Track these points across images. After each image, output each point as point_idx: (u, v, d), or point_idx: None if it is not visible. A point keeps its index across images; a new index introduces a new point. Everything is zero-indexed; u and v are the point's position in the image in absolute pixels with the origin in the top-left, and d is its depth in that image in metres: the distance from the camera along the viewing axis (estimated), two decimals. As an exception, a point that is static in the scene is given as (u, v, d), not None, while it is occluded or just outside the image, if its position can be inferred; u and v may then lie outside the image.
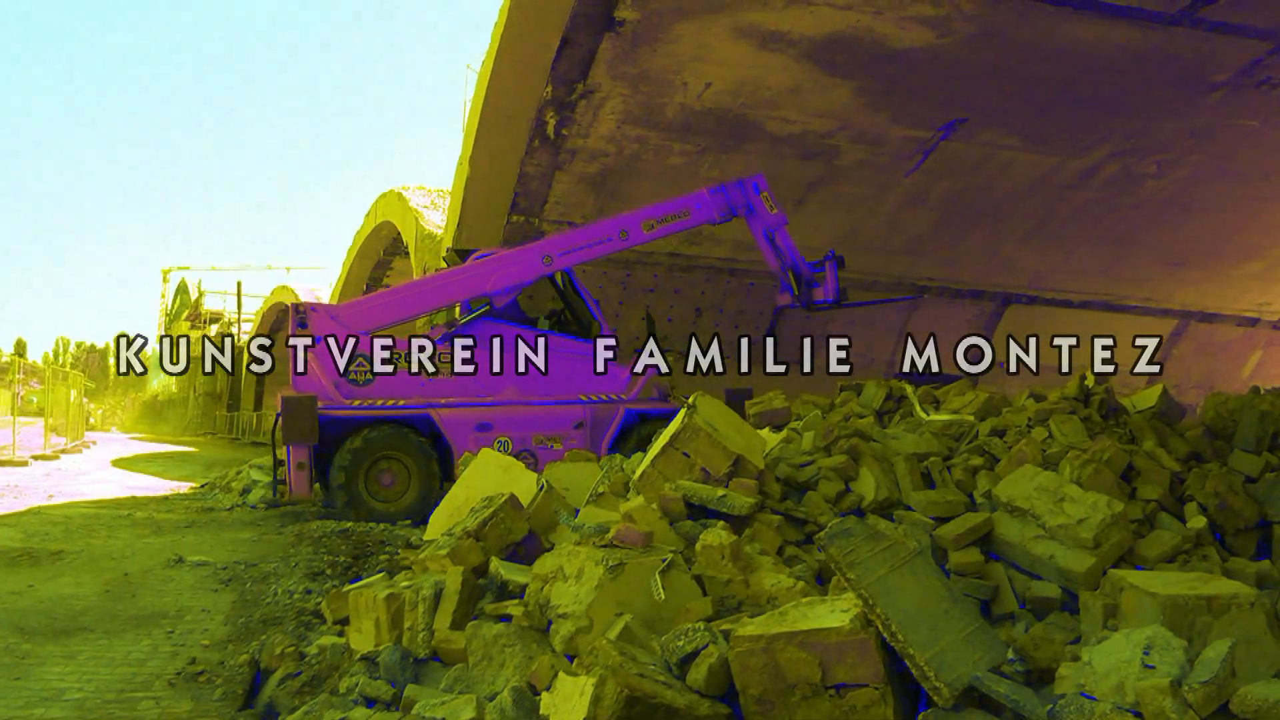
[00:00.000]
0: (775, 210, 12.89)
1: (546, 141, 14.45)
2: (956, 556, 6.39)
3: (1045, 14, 12.65)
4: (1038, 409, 8.09)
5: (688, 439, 6.27)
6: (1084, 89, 14.64)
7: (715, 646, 4.22)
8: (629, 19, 12.62)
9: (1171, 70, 14.21)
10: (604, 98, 13.90)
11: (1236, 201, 18.59)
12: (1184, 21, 12.90)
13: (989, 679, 3.82)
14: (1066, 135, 15.88)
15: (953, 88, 14.33)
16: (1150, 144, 16.41)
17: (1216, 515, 7.27)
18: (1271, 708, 3.69)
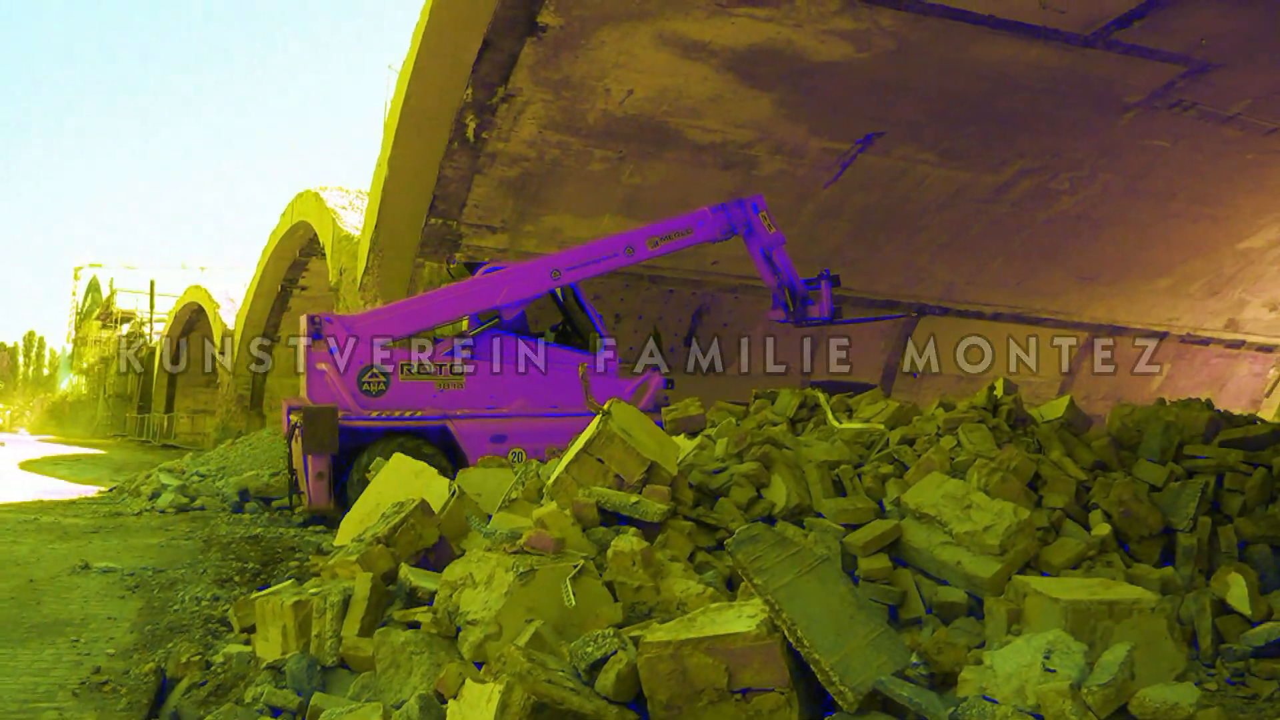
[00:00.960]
0: (773, 230, 13.22)
1: (466, 144, 14.39)
2: (865, 563, 6.48)
3: (962, 32, 12.87)
4: (947, 418, 8.23)
5: (602, 445, 6.28)
6: (999, 106, 14.94)
7: (624, 653, 4.23)
8: (552, 24, 12.61)
9: (1085, 90, 14.55)
10: (525, 102, 13.87)
11: (1147, 219, 19.09)
12: (1098, 43, 13.22)
13: (893, 683, 3.89)
14: (981, 151, 16.18)
15: (871, 102, 14.54)
16: (1063, 161, 16.79)
17: (1121, 523, 7.47)
18: (1170, 710, 3.80)
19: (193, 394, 42.96)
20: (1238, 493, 7.89)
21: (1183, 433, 8.49)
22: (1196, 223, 19.62)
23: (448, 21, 13.14)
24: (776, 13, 12.33)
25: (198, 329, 39.05)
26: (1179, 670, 5.19)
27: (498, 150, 14.53)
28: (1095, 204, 18.14)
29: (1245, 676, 6.26)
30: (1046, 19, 12.54)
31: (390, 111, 14.95)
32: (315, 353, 12.04)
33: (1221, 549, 7.56)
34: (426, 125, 14.26)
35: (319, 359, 12.01)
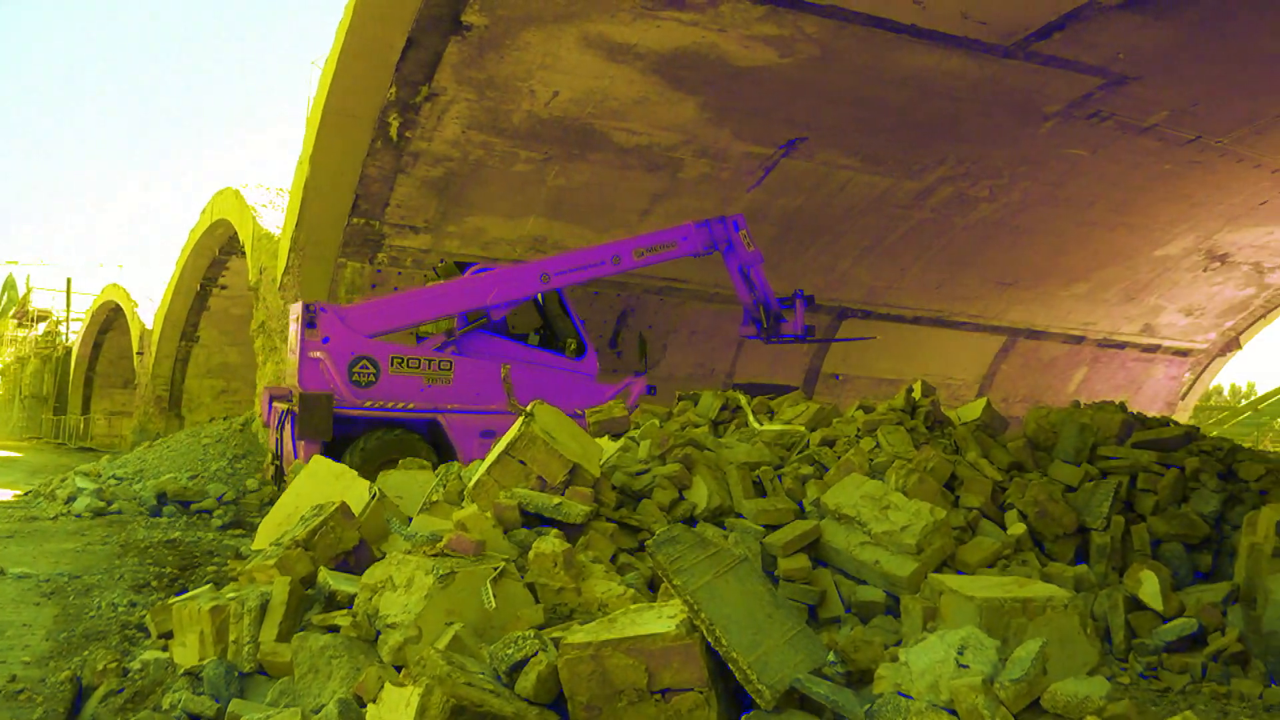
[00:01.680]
0: (752, 248, 13.68)
1: (389, 143, 14.26)
2: (785, 563, 6.54)
3: (885, 40, 13.03)
4: (866, 420, 8.34)
5: (524, 447, 6.26)
6: (921, 114, 15.14)
7: (545, 654, 4.22)
8: (476, 24, 12.55)
9: (1006, 100, 14.81)
10: (449, 101, 13.78)
11: (1064, 226, 19.48)
12: (1018, 54, 13.46)
13: (809, 680, 3.93)
14: (903, 157, 16.40)
15: (795, 107, 14.65)
16: (983, 169, 17.07)
17: (1036, 522, 7.63)
18: (1080, 703, 3.88)
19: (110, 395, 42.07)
20: (1150, 493, 8.11)
21: (1097, 434, 8.69)
22: (1114, 230, 20.05)
23: (372, 18, 13.01)
24: (701, 17, 12.38)
25: (115, 328, 38.23)
26: (1092, 665, 5.30)
27: (421, 150, 14.42)
28: (1014, 211, 18.47)
29: (1158, 670, 6.45)
30: (968, 29, 12.74)
31: (313, 108, 14.76)
32: (309, 341, 12.15)
33: (1135, 547, 7.76)
34: (349, 123, 14.11)
35: (312, 347, 12.14)
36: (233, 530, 11.94)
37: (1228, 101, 15.33)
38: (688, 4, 12.10)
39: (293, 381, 12.43)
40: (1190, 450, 8.63)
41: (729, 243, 13.63)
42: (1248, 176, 18.35)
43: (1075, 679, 4.01)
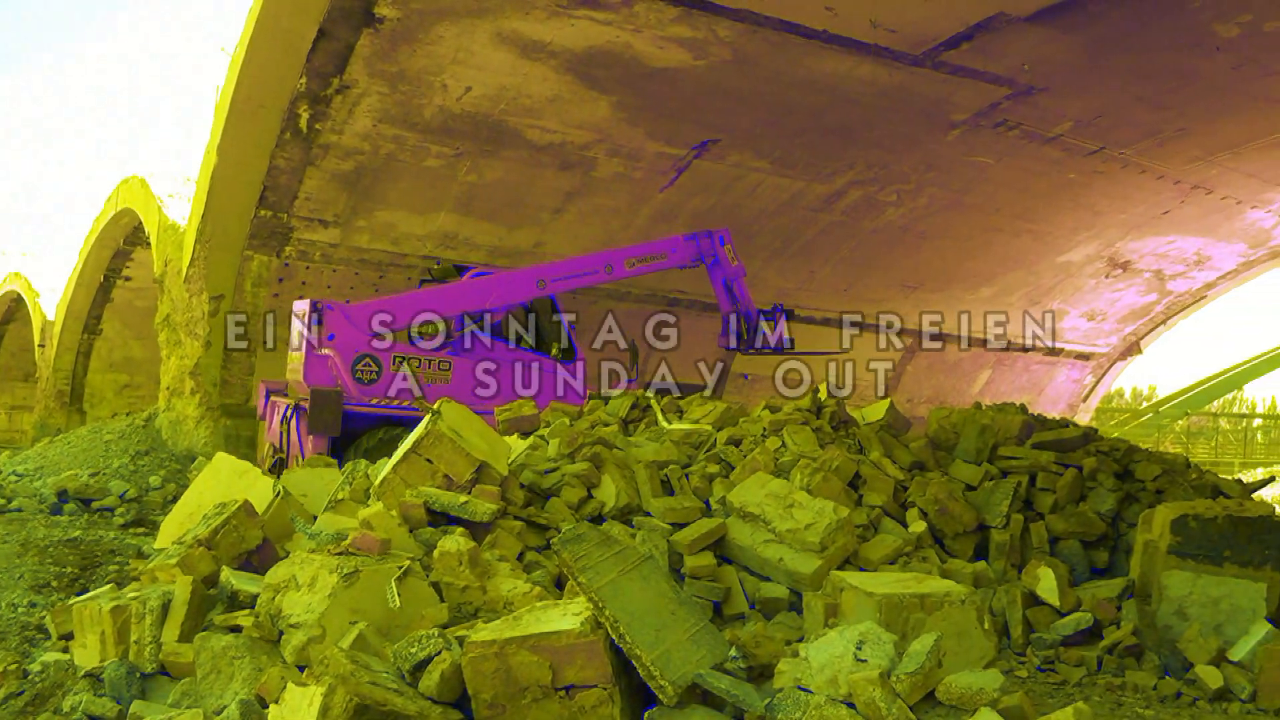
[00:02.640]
0: (736, 262, 14.01)
1: (299, 135, 14.05)
2: (691, 560, 6.60)
3: (797, 45, 13.14)
4: (772, 420, 8.45)
5: (431, 445, 6.24)
6: (831, 119, 15.32)
7: (449, 653, 4.22)
8: (389, 16, 12.43)
9: (914, 107, 15.04)
10: (361, 94, 13.63)
11: (970, 232, 19.85)
12: (927, 63, 13.68)
13: (711, 676, 3.99)
14: (813, 161, 16.57)
15: (707, 109, 14.74)
16: (892, 174, 17.32)
17: (937, 520, 7.78)
18: (975, 694, 3.99)
19: (9, 388, 40.81)
20: (1049, 491, 8.31)
21: (997, 435, 8.88)
22: (1018, 236, 20.49)
23: (282, 7, 12.81)
24: (616, 17, 12.39)
25: (17, 319, 37.09)
26: (988, 659, 5.43)
27: (331, 142, 14.24)
28: (921, 216, 18.78)
29: (1055, 664, 6.61)
30: (878, 37, 12.91)
31: (221, 97, 14.48)
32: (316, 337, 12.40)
33: (1033, 544, 7.95)
34: (258, 113, 13.88)
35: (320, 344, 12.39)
36: (135, 529, 11.68)
37: (1131, 115, 15.76)
38: (602, 3, 12.11)
39: (296, 378, 12.54)
40: (1088, 451, 8.86)
41: (715, 256, 13.98)
42: (1150, 187, 18.88)
43: (969, 671, 4.13)
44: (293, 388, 12.79)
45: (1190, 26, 12.88)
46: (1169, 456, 10.12)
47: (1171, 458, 10.00)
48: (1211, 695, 5.99)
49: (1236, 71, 14.19)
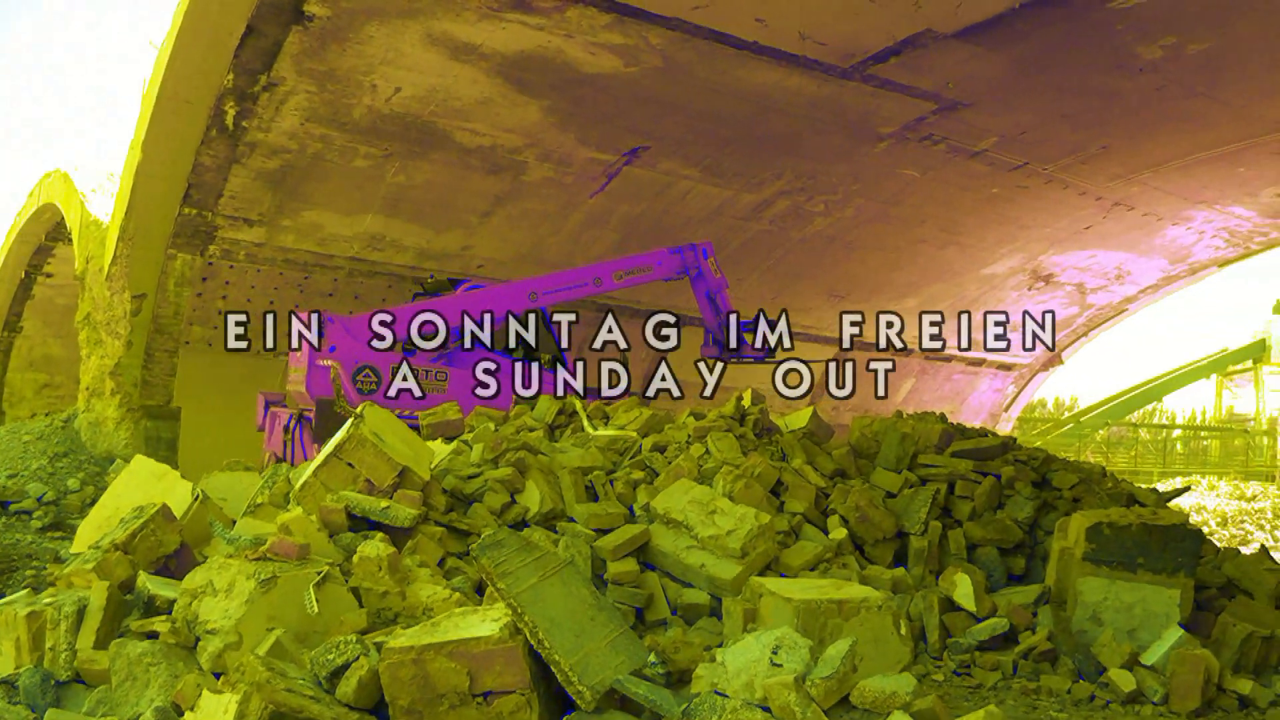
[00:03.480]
0: (718, 274, 14.37)
1: (225, 132, 13.85)
2: (614, 566, 6.62)
3: (728, 55, 13.23)
4: (697, 427, 8.49)
5: (352, 449, 6.20)
6: (761, 128, 15.44)
7: (366, 659, 4.20)
8: (319, 14, 12.30)
9: (842, 119, 15.20)
10: (288, 92, 13.47)
11: (896, 243, 20.11)
12: (855, 76, 13.84)
13: (629, 681, 4.01)
14: (742, 170, 16.68)
15: (638, 115, 14.78)
16: (820, 185, 17.49)
17: (857, 527, 7.87)
18: (887, 698, 4.06)
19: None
20: (967, 499, 8.43)
21: (918, 443, 9.00)
22: (944, 249, 20.79)
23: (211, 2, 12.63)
24: (547, 21, 12.39)
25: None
26: (904, 664, 5.52)
27: (258, 140, 14.06)
28: (848, 226, 18.98)
29: (971, 668, 6.71)
30: (807, 50, 13.04)
31: (148, 91, 14.22)
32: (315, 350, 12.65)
33: (951, 551, 8.06)
34: (184, 109, 13.65)
35: (321, 355, 12.57)
36: (52, 532, 11.48)
37: (1054, 132, 16.08)
38: (534, 7, 12.10)
39: (297, 388, 12.63)
40: (1006, 459, 9.02)
41: (698, 269, 14.29)
42: (1072, 202, 19.26)
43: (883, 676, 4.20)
44: (293, 398, 12.86)
45: (1114, 48, 13.18)
46: (1086, 465, 10.33)
47: (1088, 467, 10.20)
48: (1124, 698, 6.13)
49: (1159, 92, 14.56)
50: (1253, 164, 17.90)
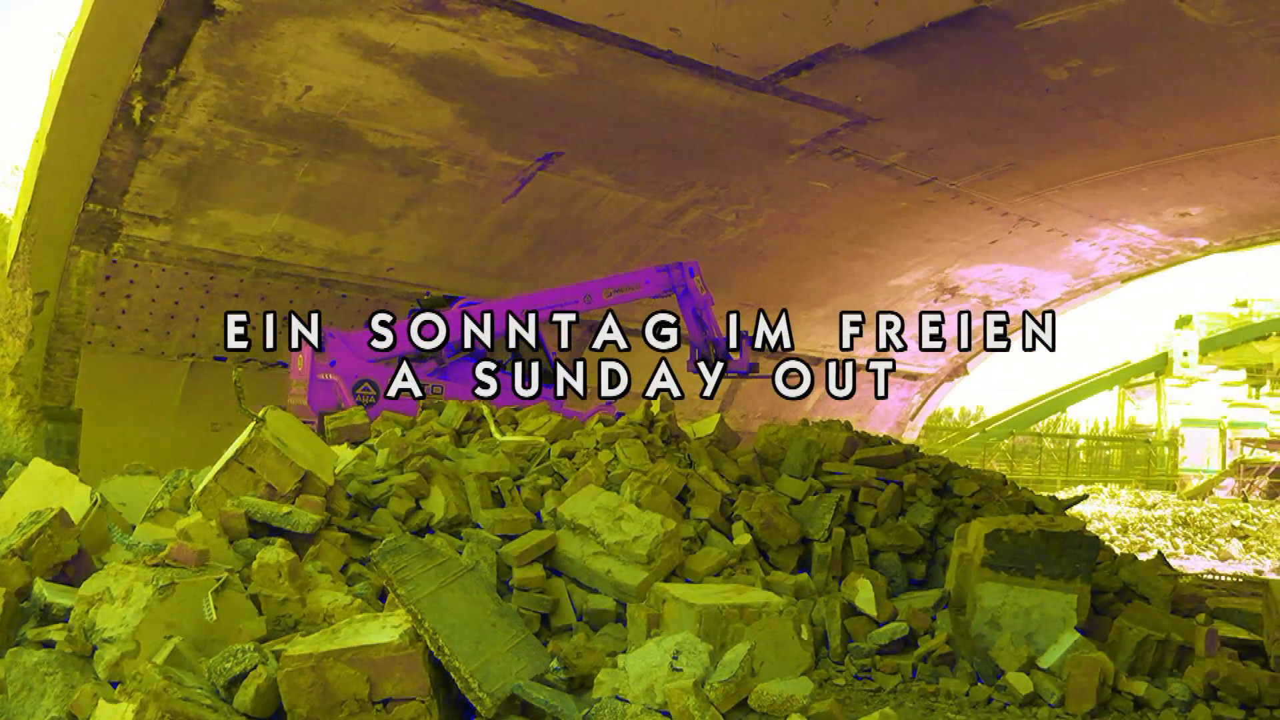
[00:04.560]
0: (704, 292, 14.60)
1: (131, 127, 13.54)
2: (520, 572, 6.62)
3: (642, 64, 13.29)
4: (605, 433, 8.53)
5: (254, 453, 6.11)
6: (675, 138, 15.54)
7: (265, 667, 4.16)
8: (229, 9, 12.10)
9: (755, 130, 15.37)
10: (197, 88, 13.22)
11: (807, 253, 20.35)
12: (768, 89, 14.00)
13: (530, 687, 4.02)
14: (656, 179, 16.78)
15: (552, 121, 14.78)
16: (732, 195, 17.65)
17: (762, 533, 7.96)
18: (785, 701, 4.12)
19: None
20: (870, 506, 8.57)
21: (823, 451, 9.13)
22: (853, 260, 21.09)
23: (120, -7, 12.37)
24: (462, 24, 12.34)
25: None
26: (805, 667, 5.59)
27: (165, 136, 13.78)
28: (759, 236, 19.18)
29: (871, 672, 6.83)
30: (720, 61, 13.17)
31: (54, 82, 13.85)
32: (318, 364, 13.16)
33: (854, 557, 8.19)
34: (90, 102, 13.31)
35: (321, 369, 13.11)
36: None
37: (962, 148, 16.42)
38: (448, 10, 12.04)
39: (299, 402, 12.85)
40: (909, 467, 9.19)
41: (684, 287, 14.49)
42: (979, 217, 19.68)
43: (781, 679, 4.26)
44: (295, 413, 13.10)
45: (1022, 68, 13.52)
46: (986, 473, 10.57)
47: (989, 475, 10.43)
48: (1021, 701, 6.29)
49: (1065, 113, 14.96)
50: (1155, 184, 18.51)
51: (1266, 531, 21.42)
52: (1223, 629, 7.24)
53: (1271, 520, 22.40)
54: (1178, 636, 6.80)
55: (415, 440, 7.98)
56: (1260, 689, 6.28)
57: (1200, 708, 6.20)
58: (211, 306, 14.85)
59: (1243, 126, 15.86)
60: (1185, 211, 20.41)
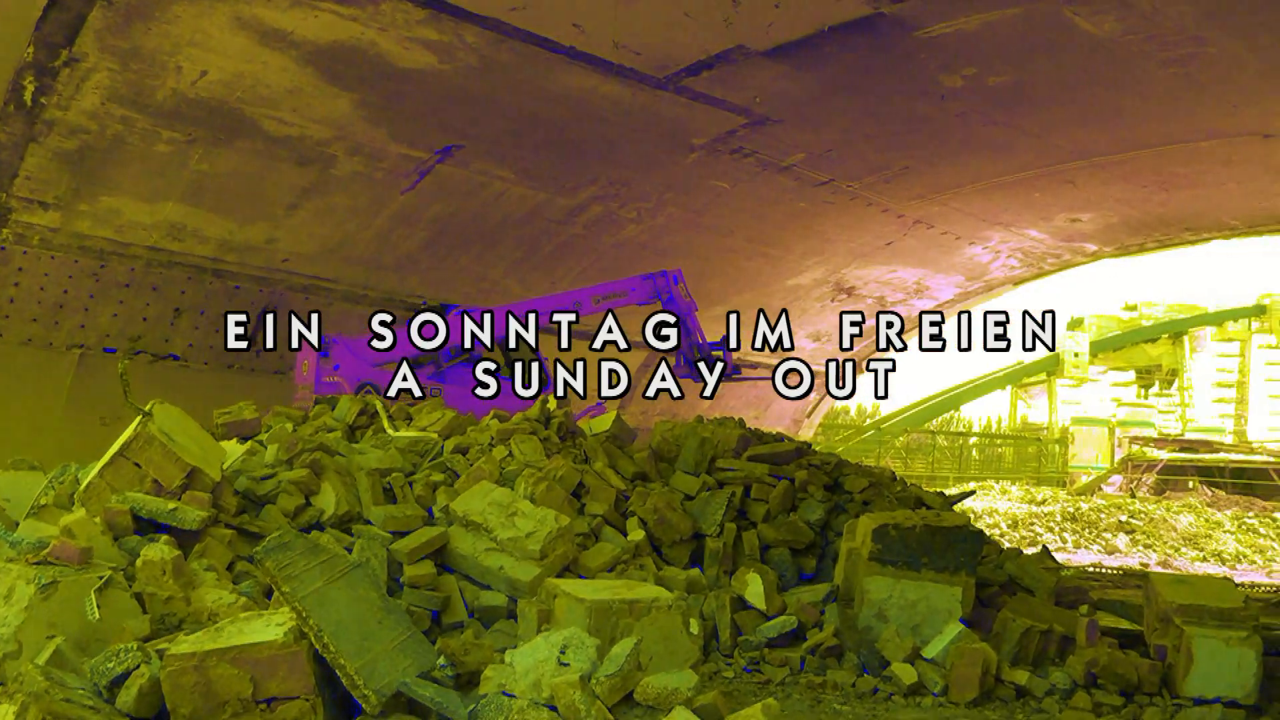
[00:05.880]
0: (688, 299, 14.97)
1: (22, 109, 13.12)
2: (411, 569, 6.61)
3: (544, 58, 13.24)
4: (500, 429, 8.54)
5: (139, 449, 6.01)
6: (577, 133, 15.53)
7: (148, 666, 4.11)
8: (124, -10, 11.84)
9: (656, 128, 15.42)
10: (90, 69, 12.85)
11: (706, 252, 20.48)
12: (669, 87, 14.06)
13: (416, 684, 4.03)
14: (557, 174, 16.75)
15: (452, 114, 14.67)
16: (633, 192, 17.70)
17: (656, 529, 8.05)
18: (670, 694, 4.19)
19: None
20: (762, 502, 8.72)
21: (716, 448, 9.25)
22: (751, 259, 21.28)
23: (12, -29, 12.00)
24: (361, 13, 12.19)
25: None
26: (692, 661, 5.68)
27: (56, 118, 13.37)
28: (660, 234, 19.27)
29: (760, 665, 6.96)
30: (622, 58, 13.19)
31: (-56, 62, 13.37)
32: (323, 367, 13.89)
33: (745, 552, 8.32)
34: (-20, 82, 12.92)
35: (326, 373, 13.78)
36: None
37: (859, 151, 16.68)
38: (348, -2, 11.93)
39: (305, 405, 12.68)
40: (800, 464, 9.36)
41: (669, 294, 14.82)
42: (876, 219, 20.00)
43: (666, 673, 4.33)
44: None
45: (918, 75, 13.77)
46: (876, 470, 10.80)
47: (879, 471, 10.66)
48: (906, 690, 6.47)
49: (960, 119, 15.29)
50: (1047, 190, 19.02)
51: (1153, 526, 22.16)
52: (1104, 620, 7.54)
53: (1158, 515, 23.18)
54: (1060, 627, 7.04)
55: (306, 435, 7.90)
56: (1139, 676, 6.55)
57: (1080, 695, 6.43)
58: (101, 296, 14.49)
59: (1133, 137, 16.38)
60: (1076, 217, 21.02)
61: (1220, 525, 23.04)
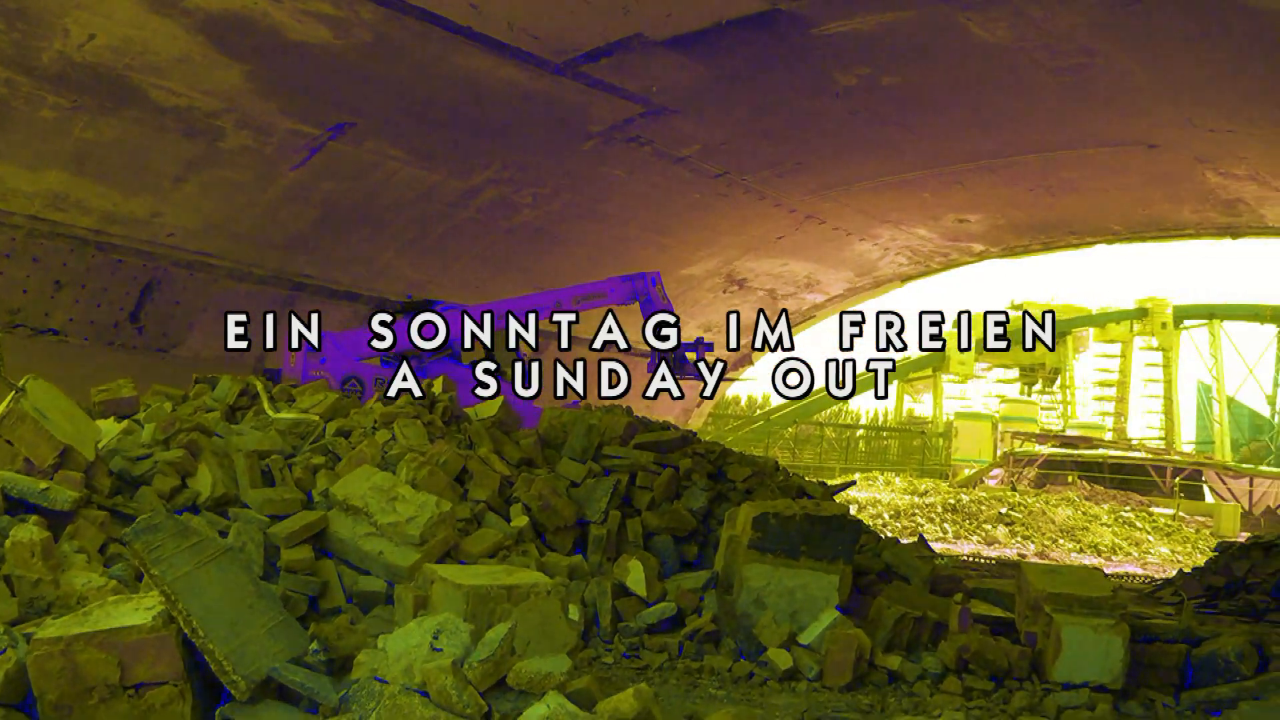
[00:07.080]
0: (665, 301, 15.23)
1: (-100, 68, 12.59)
2: (288, 554, 6.55)
3: (441, 38, 13.10)
4: (384, 412, 8.49)
5: (11, 426, 5.86)
6: (473, 115, 15.40)
7: (14, 651, 4.04)
8: (8, -53, 11.43)
9: (554, 114, 15.37)
10: (-28, 29, 12.41)
11: (603, 239, 20.52)
12: (567, 73, 14.01)
13: (286, 669, 4.01)
14: (452, 156, 16.60)
15: (346, 91, 14.43)
16: (529, 177, 17.63)
17: (540, 515, 8.09)
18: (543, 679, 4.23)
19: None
20: (647, 490, 8.82)
21: (604, 435, 9.32)
22: (646, 248, 21.35)
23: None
24: (254, -16, 11.97)
25: None
26: (571, 647, 5.74)
27: (-65, 80, 12.88)
28: (555, 220, 19.24)
29: (639, 650, 7.06)
30: (520, 41, 13.11)
31: None
32: (310, 361, 14.22)
33: (629, 539, 8.41)
34: None
35: (313, 366, 13.98)
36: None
37: (754, 145, 16.86)
38: (242, -32, 11.67)
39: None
40: (686, 452, 9.50)
41: (647, 295, 15.05)
42: (768, 213, 20.23)
43: (539, 657, 4.36)
44: None
45: (813, 72, 13.96)
46: (760, 460, 10.99)
47: (762, 461, 10.86)
48: (781, 675, 6.64)
49: (853, 117, 15.55)
50: (936, 190, 19.44)
51: (1032, 518, 22.90)
52: (978, 607, 7.80)
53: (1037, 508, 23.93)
54: (934, 614, 7.26)
55: (185, 415, 7.76)
56: (1010, 662, 6.80)
57: (951, 679, 6.65)
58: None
59: (1021, 141, 16.84)
60: (964, 218, 21.54)
61: (1098, 518, 23.93)
